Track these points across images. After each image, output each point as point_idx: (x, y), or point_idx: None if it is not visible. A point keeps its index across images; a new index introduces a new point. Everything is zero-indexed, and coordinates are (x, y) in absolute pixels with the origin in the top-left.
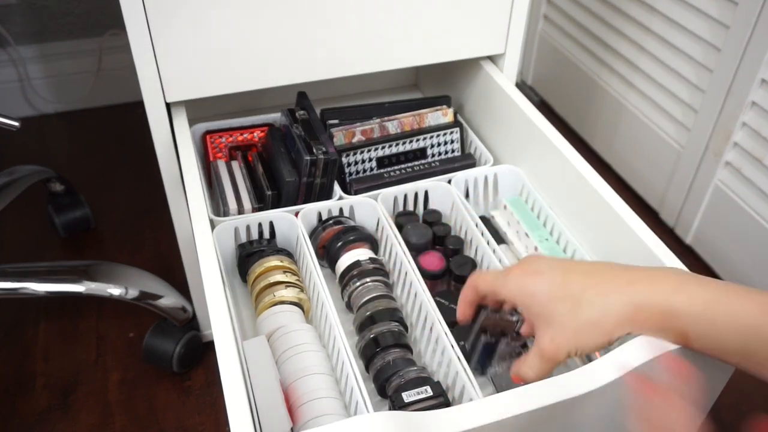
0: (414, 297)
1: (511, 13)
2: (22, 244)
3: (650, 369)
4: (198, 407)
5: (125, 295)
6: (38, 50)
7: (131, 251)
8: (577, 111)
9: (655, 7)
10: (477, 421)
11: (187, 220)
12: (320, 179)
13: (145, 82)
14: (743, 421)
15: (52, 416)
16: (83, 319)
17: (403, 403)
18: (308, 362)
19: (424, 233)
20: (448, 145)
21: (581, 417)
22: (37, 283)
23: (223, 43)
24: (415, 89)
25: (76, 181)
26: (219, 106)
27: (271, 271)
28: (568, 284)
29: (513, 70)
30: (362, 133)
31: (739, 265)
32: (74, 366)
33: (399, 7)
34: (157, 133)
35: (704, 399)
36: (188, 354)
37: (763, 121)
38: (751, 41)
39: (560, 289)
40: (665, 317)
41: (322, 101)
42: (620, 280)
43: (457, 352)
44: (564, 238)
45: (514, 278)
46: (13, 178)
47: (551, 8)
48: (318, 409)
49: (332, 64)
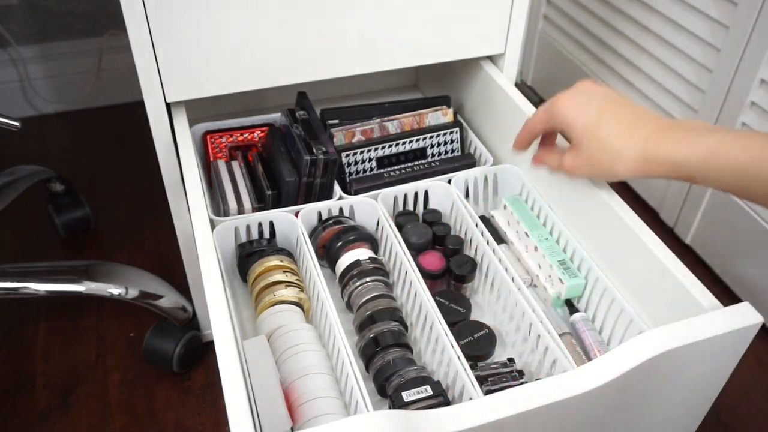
0: (414, 297)
1: (511, 13)
2: (22, 244)
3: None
4: (198, 407)
5: (125, 295)
6: (38, 50)
7: (131, 251)
8: None
9: (655, 8)
10: (477, 421)
11: (187, 220)
12: (320, 179)
13: (145, 82)
14: (743, 421)
15: (52, 416)
16: (83, 319)
17: (403, 403)
18: (308, 362)
19: (424, 233)
20: (448, 145)
21: (581, 416)
22: (37, 283)
23: (223, 43)
24: (415, 89)
25: (76, 181)
26: (219, 106)
27: (271, 271)
28: (600, 126)
29: (513, 70)
30: (362, 133)
31: (739, 265)
32: (74, 366)
33: (399, 7)
34: (157, 133)
35: (704, 398)
36: (188, 354)
37: (762, 121)
38: (751, 41)
39: (594, 129)
40: (672, 167)
41: (322, 101)
42: (639, 135)
43: (457, 351)
44: (564, 237)
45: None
46: (13, 178)
47: (551, 8)
48: (318, 409)
49: (332, 64)
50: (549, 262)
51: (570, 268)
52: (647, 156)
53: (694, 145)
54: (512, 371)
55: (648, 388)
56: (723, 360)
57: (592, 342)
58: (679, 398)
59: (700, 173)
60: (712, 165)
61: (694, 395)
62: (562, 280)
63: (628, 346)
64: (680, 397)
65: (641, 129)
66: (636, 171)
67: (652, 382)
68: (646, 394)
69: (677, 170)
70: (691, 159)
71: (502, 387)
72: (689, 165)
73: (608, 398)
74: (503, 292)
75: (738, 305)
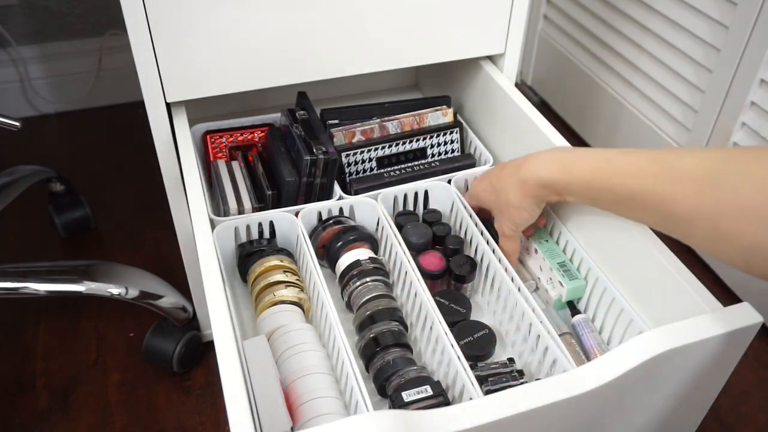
0: (414, 296)
1: (511, 13)
2: (22, 244)
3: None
4: (198, 407)
5: (125, 295)
6: (38, 50)
7: (131, 251)
8: (577, 111)
9: (655, 8)
10: (477, 421)
11: (187, 220)
12: (320, 179)
13: (145, 82)
14: (743, 421)
15: (52, 416)
16: (83, 319)
17: (403, 403)
18: (308, 362)
19: (424, 233)
20: (448, 145)
21: (581, 416)
22: (37, 283)
23: (223, 43)
24: (415, 89)
25: (76, 181)
26: (219, 106)
27: (271, 271)
28: (491, 181)
29: (513, 70)
30: (362, 133)
31: None
32: (74, 366)
33: (399, 7)
34: (157, 133)
35: (704, 398)
36: (188, 354)
37: (762, 121)
38: (751, 41)
39: (488, 186)
40: (541, 185)
41: (322, 101)
42: (513, 167)
43: (457, 351)
44: (564, 237)
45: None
46: (13, 178)
47: (551, 8)
48: (318, 409)
49: (332, 64)
50: (549, 265)
51: (570, 270)
52: (521, 179)
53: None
54: (512, 371)
55: (648, 388)
56: (723, 360)
57: (593, 343)
58: (679, 398)
59: (561, 185)
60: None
61: (694, 395)
62: (562, 282)
63: (628, 346)
64: (680, 397)
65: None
66: (521, 196)
67: (652, 382)
68: (646, 394)
69: (545, 186)
70: (551, 174)
71: (502, 387)
72: (550, 179)
73: (608, 398)
74: (503, 292)
75: (738, 305)
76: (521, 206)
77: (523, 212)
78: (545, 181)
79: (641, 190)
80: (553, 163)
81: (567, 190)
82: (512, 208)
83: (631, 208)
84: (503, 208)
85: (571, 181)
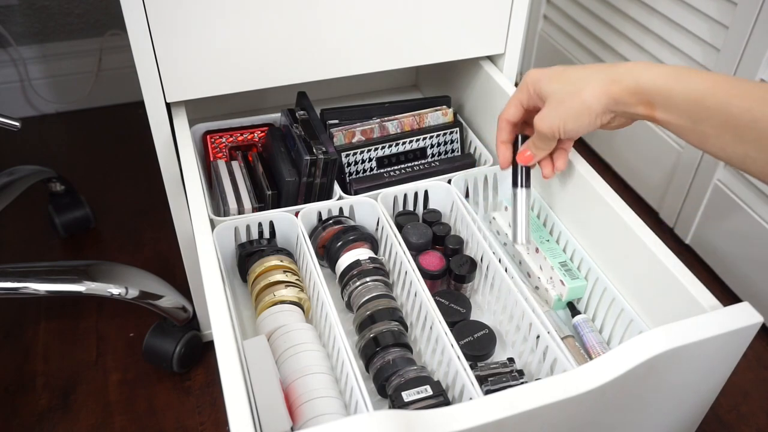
0: (414, 296)
1: (511, 13)
2: (22, 244)
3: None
4: (198, 407)
5: (125, 295)
6: (38, 50)
7: (131, 251)
8: None
9: (655, 8)
10: (476, 420)
11: (187, 220)
12: (320, 179)
13: (145, 82)
14: (743, 421)
15: (52, 416)
16: (83, 319)
17: (403, 403)
18: (308, 362)
19: (424, 233)
20: (448, 145)
21: (581, 416)
22: (37, 283)
23: (224, 43)
24: (415, 89)
25: (76, 181)
26: (219, 106)
27: (271, 271)
28: (566, 71)
29: (513, 70)
30: (362, 133)
31: (739, 265)
32: (74, 366)
33: (399, 7)
34: (157, 133)
35: (704, 397)
36: (188, 354)
37: None
38: (750, 42)
39: (560, 73)
40: (635, 90)
41: (322, 101)
42: (604, 65)
43: (457, 351)
44: (564, 237)
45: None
46: (13, 178)
47: (551, 8)
48: (318, 409)
49: (332, 64)
50: (550, 264)
51: (571, 270)
52: (613, 77)
53: (658, 68)
54: (512, 371)
55: (648, 388)
56: (723, 360)
57: (594, 343)
58: (680, 398)
59: (662, 96)
60: (674, 90)
61: (694, 395)
62: (563, 282)
63: (628, 346)
64: (680, 397)
65: (602, 64)
66: (602, 93)
67: (652, 382)
68: (646, 393)
69: (640, 92)
70: (656, 80)
71: (502, 387)
72: (653, 86)
73: (608, 398)
74: (503, 292)
75: (738, 305)
76: (591, 106)
77: (586, 116)
78: (645, 85)
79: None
80: (661, 69)
81: (666, 103)
82: (579, 103)
83: (742, 138)
84: (566, 100)
85: (678, 92)
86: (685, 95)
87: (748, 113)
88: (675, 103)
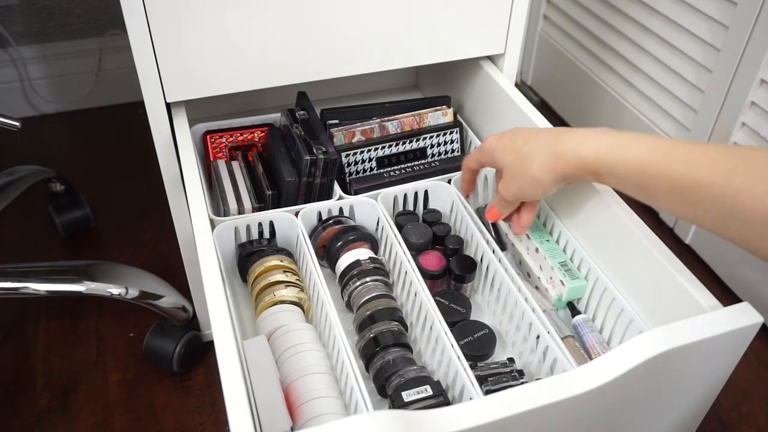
0: (414, 296)
1: (511, 13)
2: (22, 244)
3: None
4: (198, 407)
5: (125, 295)
6: (38, 50)
7: (131, 251)
8: (577, 111)
9: (655, 8)
10: (476, 421)
11: (187, 220)
12: (320, 179)
13: (145, 82)
14: (743, 421)
15: (52, 416)
16: (83, 319)
17: (403, 403)
18: (308, 362)
19: (424, 233)
20: (448, 145)
21: (581, 416)
22: (37, 283)
23: (224, 43)
24: (415, 89)
25: (76, 181)
26: (219, 106)
27: (271, 271)
28: (516, 142)
29: (513, 70)
30: (362, 133)
31: (739, 265)
32: (74, 366)
33: (399, 7)
34: (157, 133)
35: (704, 397)
36: (188, 354)
37: (762, 121)
38: (751, 41)
39: (510, 145)
40: (577, 164)
41: (322, 101)
42: (549, 137)
43: (457, 351)
44: (564, 237)
45: (486, 143)
46: (13, 178)
47: (551, 8)
48: (318, 409)
49: (332, 64)
50: (550, 264)
51: (571, 270)
52: (556, 152)
53: (598, 140)
54: (512, 371)
55: (648, 388)
56: (723, 360)
57: (594, 343)
58: (679, 398)
59: (605, 167)
60: (616, 161)
61: (694, 395)
62: (563, 282)
63: (628, 346)
64: (680, 397)
65: (549, 133)
66: (548, 169)
67: (652, 382)
68: (646, 394)
69: (583, 165)
70: (598, 153)
71: (502, 387)
72: (596, 159)
73: (608, 398)
74: (503, 292)
75: (738, 305)
76: (541, 180)
77: (540, 187)
78: (586, 159)
79: (710, 182)
80: (601, 140)
81: (610, 172)
82: (530, 178)
83: (687, 201)
84: (519, 174)
85: (618, 162)
86: (626, 165)
87: (688, 177)
88: (619, 173)
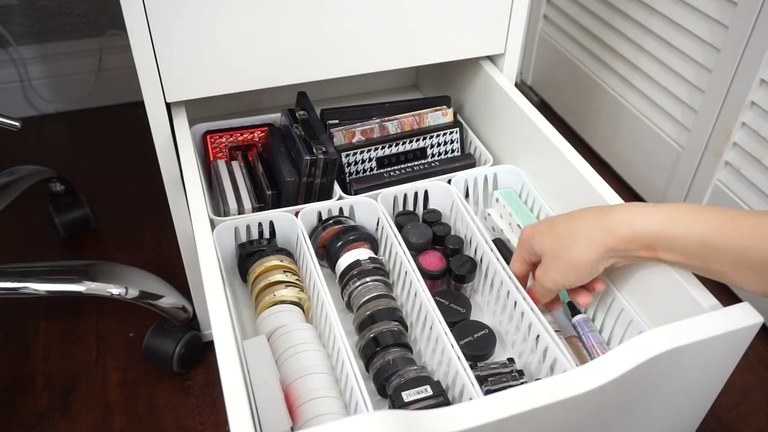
0: (414, 296)
1: (511, 13)
2: (22, 244)
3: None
4: (198, 407)
5: (125, 295)
6: (38, 50)
7: (131, 251)
8: (577, 111)
9: (655, 8)
10: (476, 421)
11: (187, 220)
12: (320, 179)
13: (145, 82)
14: (743, 421)
15: (52, 416)
16: (83, 319)
17: (403, 403)
18: (308, 362)
19: (424, 233)
20: (448, 145)
21: (581, 416)
22: (37, 283)
23: (224, 43)
24: (415, 89)
25: (76, 181)
26: (219, 106)
27: (271, 271)
28: (555, 225)
29: (513, 70)
30: (362, 133)
31: None
32: (74, 366)
33: (399, 7)
34: (157, 133)
35: (704, 398)
36: (188, 354)
37: (762, 121)
38: (751, 41)
39: (549, 229)
40: (631, 237)
41: (322, 101)
42: (594, 213)
43: (457, 351)
44: None
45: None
46: (13, 178)
47: (551, 8)
48: (318, 409)
49: (332, 64)
50: None
51: None
52: (606, 226)
53: (651, 213)
54: (512, 371)
55: (648, 388)
56: (723, 360)
57: (594, 343)
58: (679, 398)
59: (663, 241)
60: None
61: (694, 395)
62: None
63: (628, 346)
64: (680, 397)
65: (592, 210)
66: (596, 245)
67: (652, 382)
68: (646, 394)
69: (637, 238)
70: (652, 226)
71: (502, 387)
72: (651, 233)
73: (608, 398)
74: (503, 292)
75: (738, 305)
76: (587, 260)
77: (584, 269)
78: (642, 232)
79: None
80: (654, 213)
81: (668, 246)
82: (573, 259)
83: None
84: (561, 256)
85: (679, 236)
86: (687, 238)
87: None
88: (679, 247)
